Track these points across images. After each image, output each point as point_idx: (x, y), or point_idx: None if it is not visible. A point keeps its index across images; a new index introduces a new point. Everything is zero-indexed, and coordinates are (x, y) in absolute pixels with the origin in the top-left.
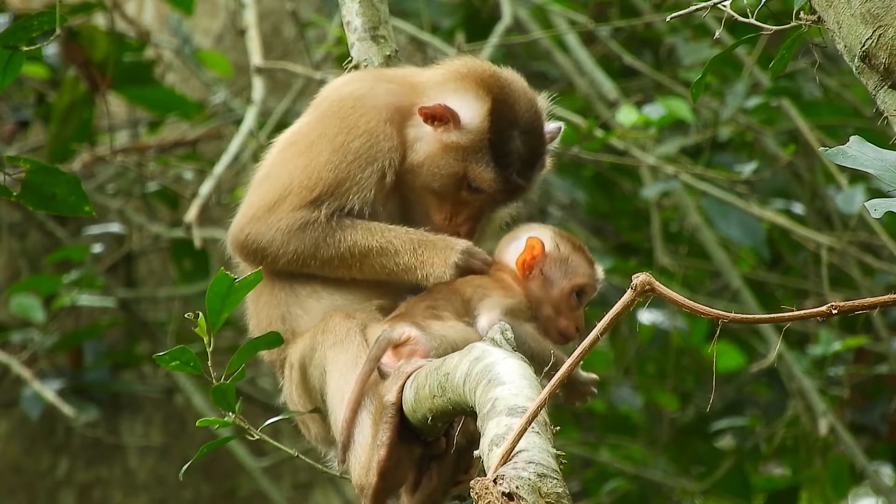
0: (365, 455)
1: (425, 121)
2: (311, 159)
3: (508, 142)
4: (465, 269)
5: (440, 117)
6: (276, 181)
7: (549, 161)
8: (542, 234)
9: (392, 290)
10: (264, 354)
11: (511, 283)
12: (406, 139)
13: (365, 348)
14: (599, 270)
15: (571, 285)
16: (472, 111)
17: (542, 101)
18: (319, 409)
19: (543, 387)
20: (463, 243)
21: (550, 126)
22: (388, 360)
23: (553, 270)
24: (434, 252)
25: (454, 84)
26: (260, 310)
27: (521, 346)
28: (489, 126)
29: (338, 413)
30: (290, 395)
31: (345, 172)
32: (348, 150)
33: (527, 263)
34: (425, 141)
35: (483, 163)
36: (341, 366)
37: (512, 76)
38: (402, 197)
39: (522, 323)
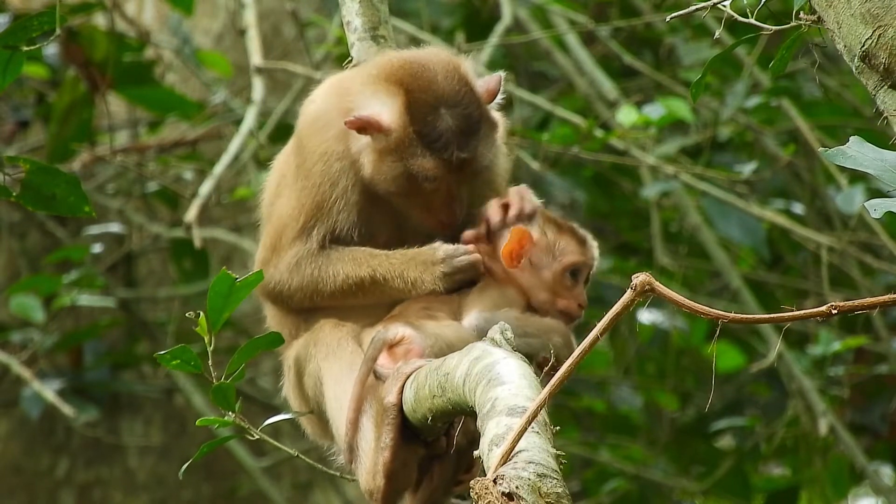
0: (370, 459)
1: (358, 133)
2: (293, 190)
3: (436, 123)
4: (454, 275)
5: (364, 128)
6: (274, 221)
7: (498, 117)
8: (530, 223)
9: None
10: None
11: (500, 277)
12: (353, 155)
13: (359, 354)
14: (592, 247)
15: (562, 266)
16: (389, 110)
17: (467, 64)
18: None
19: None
20: (440, 253)
21: (487, 81)
22: (383, 360)
23: (541, 257)
24: (419, 270)
25: (370, 88)
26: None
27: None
28: (409, 118)
29: (338, 421)
30: (289, 394)
31: (319, 195)
32: (314, 172)
33: (514, 253)
34: (365, 153)
35: (418, 154)
36: (336, 374)
37: (426, 55)
38: (377, 205)
39: (507, 310)
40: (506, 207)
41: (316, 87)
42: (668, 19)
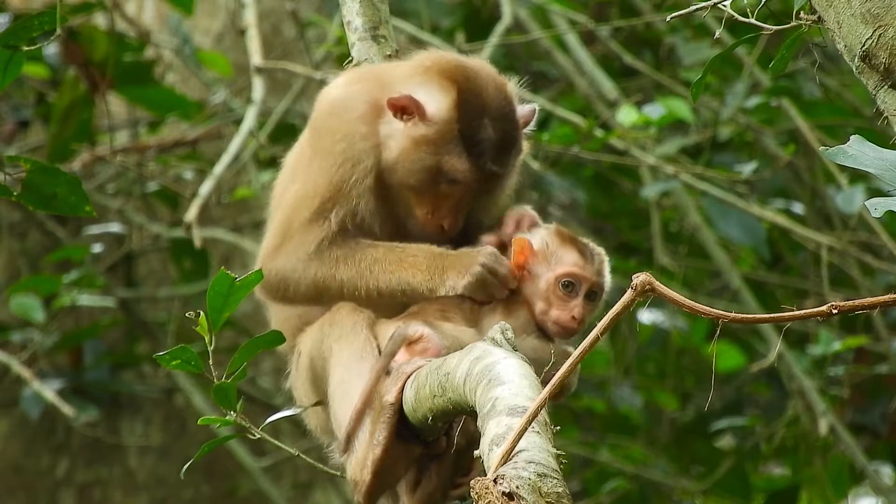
0: (362, 452)
1: (395, 115)
2: (308, 173)
3: (479, 130)
4: (486, 279)
5: (407, 110)
6: (284, 207)
7: (525, 144)
8: (534, 233)
9: None
10: None
11: (516, 295)
12: (379, 137)
13: (371, 343)
14: (597, 264)
15: (555, 275)
16: (437, 102)
17: (512, 86)
18: (321, 403)
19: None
20: (482, 259)
21: (524, 109)
22: (399, 356)
23: (539, 265)
24: (452, 264)
25: (420, 77)
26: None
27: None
28: (457, 116)
29: (338, 405)
30: (295, 383)
31: (337, 175)
32: (334, 153)
33: (518, 265)
34: (397, 137)
35: (455, 154)
36: (346, 359)
37: (479, 65)
38: (383, 196)
39: (525, 337)
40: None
41: (320, 86)
42: (668, 19)
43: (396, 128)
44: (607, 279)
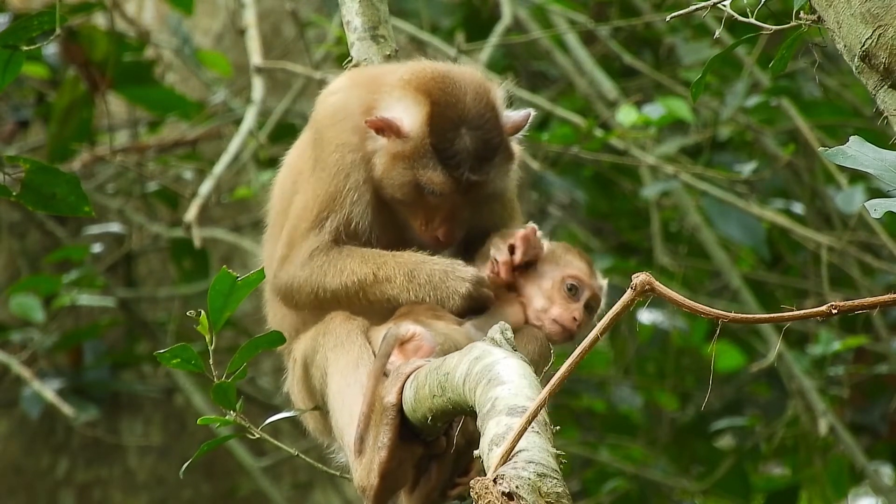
0: (367, 456)
1: (376, 133)
2: (309, 183)
3: (454, 141)
4: (474, 301)
5: (383, 129)
6: (292, 217)
7: (516, 148)
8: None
9: None
10: None
11: (505, 296)
12: (368, 153)
13: (367, 349)
14: (598, 277)
15: (563, 274)
16: (411, 118)
17: (498, 91)
18: (319, 408)
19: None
20: (470, 273)
21: (517, 114)
22: (393, 357)
23: (546, 265)
24: (439, 276)
25: (399, 92)
26: (276, 305)
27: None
28: (429, 130)
29: (339, 414)
30: (292, 389)
31: (333, 186)
32: (329, 163)
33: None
34: (380, 154)
35: (430, 167)
36: (343, 367)
37: (460, 73)
38: (383, 208)
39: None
40: (512, 249)
41: (335, 79)
42: (668, 19)
43: (381, 144)
44: (603, 300)
